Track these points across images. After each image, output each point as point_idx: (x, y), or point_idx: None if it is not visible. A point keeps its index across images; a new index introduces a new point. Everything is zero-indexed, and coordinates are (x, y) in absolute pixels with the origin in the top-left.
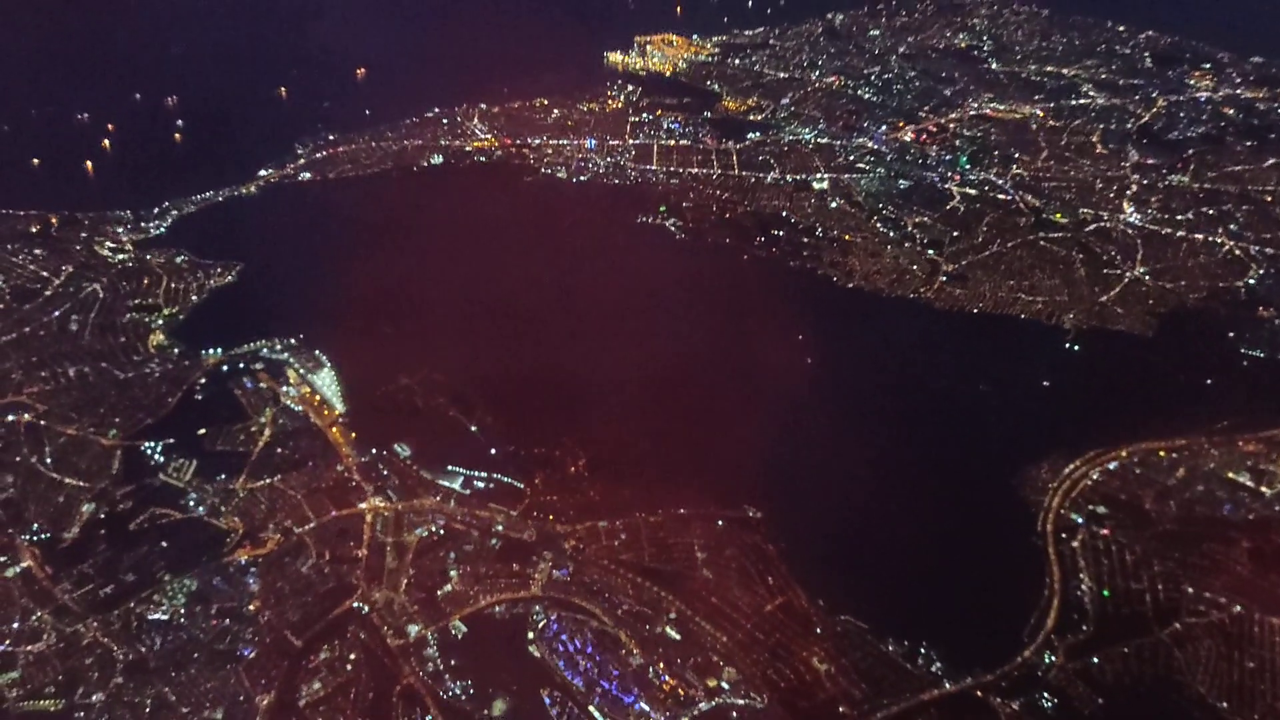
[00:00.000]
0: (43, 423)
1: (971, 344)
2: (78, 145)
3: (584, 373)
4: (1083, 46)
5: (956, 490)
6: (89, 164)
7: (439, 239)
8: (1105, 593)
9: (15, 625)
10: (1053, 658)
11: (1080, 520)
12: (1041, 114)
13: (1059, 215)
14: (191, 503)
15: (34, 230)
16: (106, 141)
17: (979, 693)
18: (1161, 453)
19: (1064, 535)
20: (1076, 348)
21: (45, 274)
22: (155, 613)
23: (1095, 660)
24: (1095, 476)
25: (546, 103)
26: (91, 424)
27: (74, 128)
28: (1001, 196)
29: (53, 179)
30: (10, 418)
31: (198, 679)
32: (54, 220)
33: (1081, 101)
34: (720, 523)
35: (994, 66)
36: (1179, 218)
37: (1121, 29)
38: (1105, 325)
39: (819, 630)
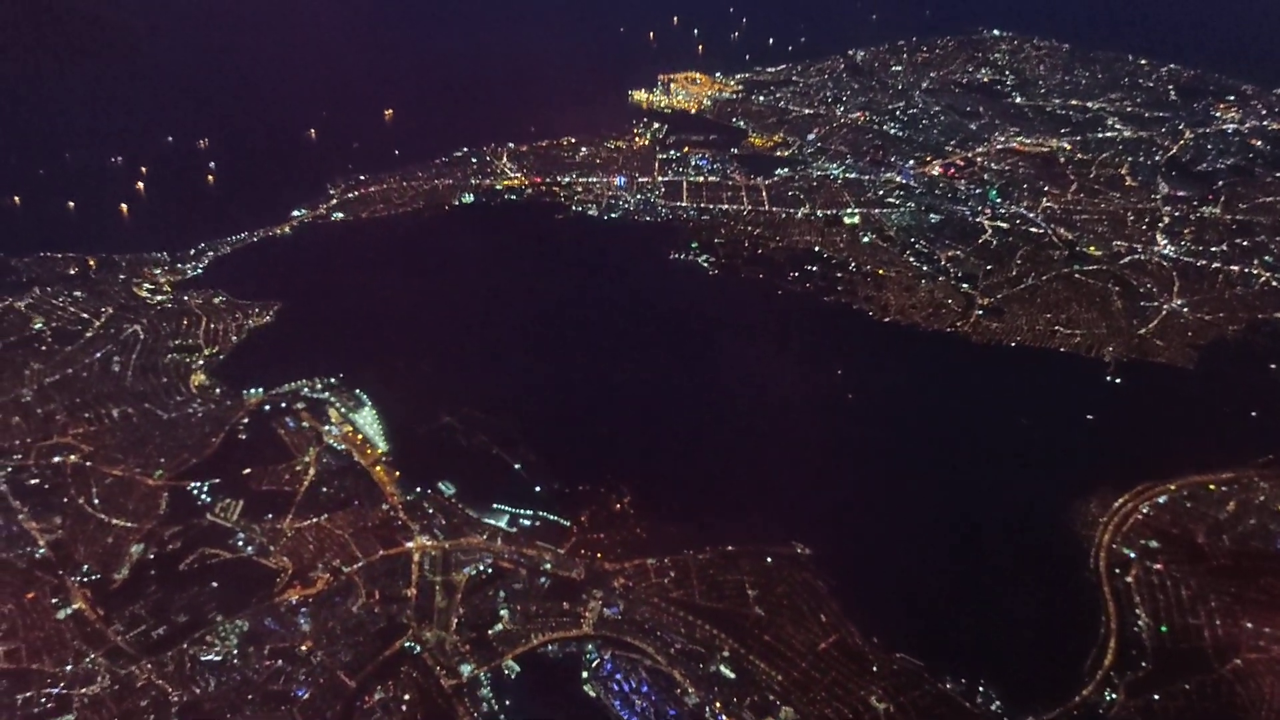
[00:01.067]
0: (89, 464)
1: (1011, 378)
2: (112, 188)
3: (624, 409)
4: (1105, 80)
5: (1005, 525)
6: (124, 206)
7: (474, 277)
8: (1163, 629)
9: (69, 668)
10: (1113, 695)
11: (1133, 555)
12: (1069, 147)
13: (1093, 248)
14: (240, 542)
15: (73, 272)
16: (141, 184)
17: None
18: (1211, 486)
19: (1117, 570)
20: (1118, 381)
21: (86, 315)
22: (208, 654)
23: (1156, 698)
24: (1145, 511)
25: (574, 141)
26: (137, 464)
27: (108, 171)
28: (1034, 230)
29: (89, 222)
30: (57, 459)
31: None
32: (92, 262)
33: (1108, 135)
34: (769, 559)
35: (1018, 101)
36: (1213, 249)
37: (1143, 62)
38: (1146, 358)
39: (875, 668)
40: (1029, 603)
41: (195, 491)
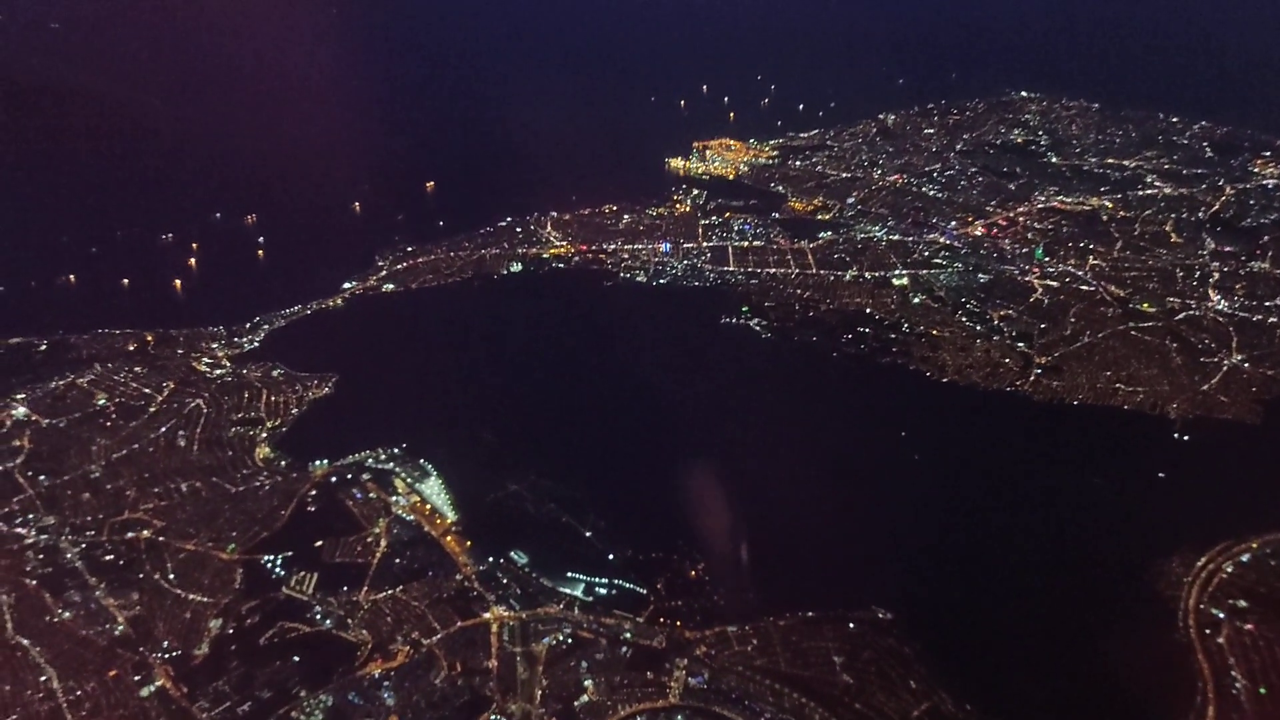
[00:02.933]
0: (162, 539)
1: (1077, 436)
2: (165, 265)
3: (688, 474)
4: (1139, 139)
5: (1088, 586)
6: (178, 282)
7: (528, 345)
8: (1262, 690)
9: None
10: None
11: (1222, 615)
12: (1110, 205)
13: (1147, 305)
14: (318, 615)
15: (132, 348)
16: (192, 260)
17: None
18: None
19: (1208, 631)
20: (1185, 438)
21: (148, 390)
22: None
23: None
24: (1229, 569)
25: (616, 209)
26: (209, 538)
27: (159, 248)
28: (1084, 287)
29: (143, 298)
30: (130, 534)
31: None
32: (150, 338)
33: (1148, 192)
34: (851, 625)
35: (1054, 160)
36: (1267, 304)
37: (1175, 120)
38: (1211, 414)
39: None
40: (1121, 665)
41: (269, 565)
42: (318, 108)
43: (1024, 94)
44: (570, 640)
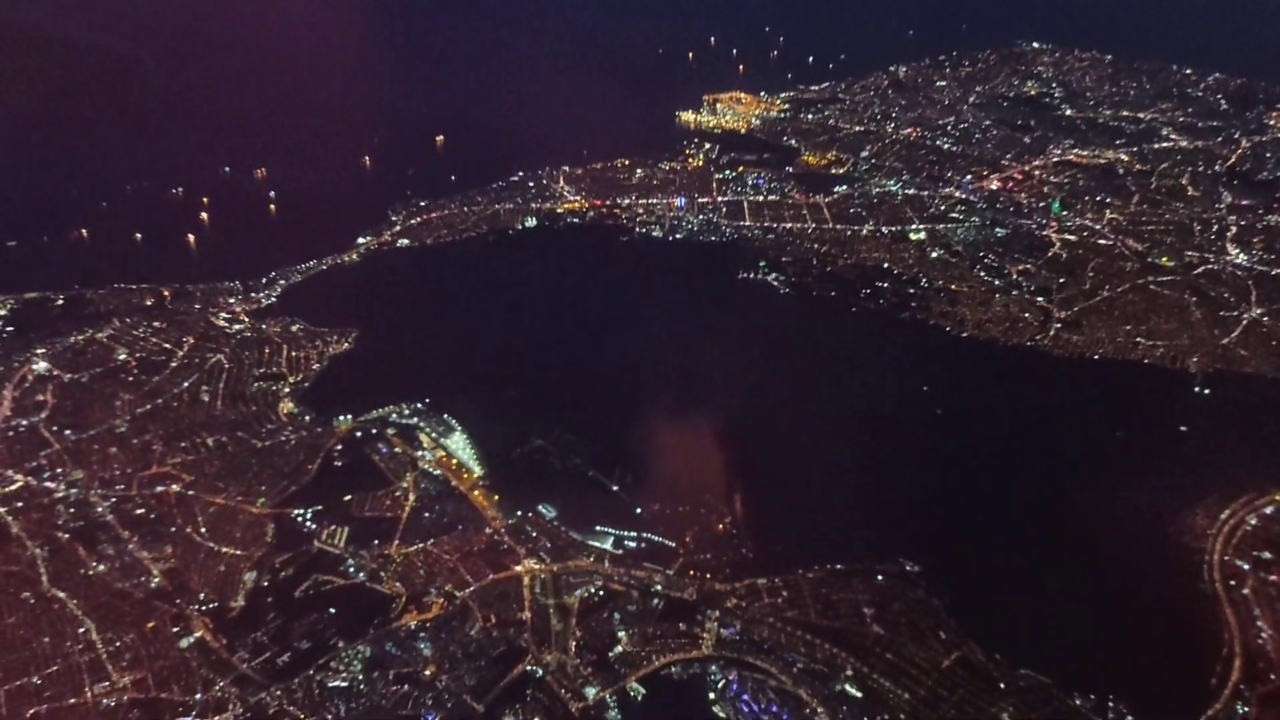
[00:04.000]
0: (191, 493)
1: (1098, 390)
2: (176, 219)
3: (716, 429)
4: (1154, 91)
5: (1114, 539)
6: (190, 237)
7: (545, 300)
8: None
9: (199, 696)
10: (1245, 709)
11: (1247, 567)
12: (1126, 159)
13: (1165, 259)
14: (351, 568)
15: (149, 303)
16: (204, 215)
17: None
18: None
19: (1233, 582)
20: (1206, 391)
21: (168, 346)
22: (335, 680)
23: None
24: (1254, 521)
25: (628, 163)
26: (238, 493)
27: (169, 202)
28: (1102, 241)
29: (157, 253)
30: (159, 489)
31: None
32: (167, 293)
33: (1164, 145)
34: (880, 577)
35: (1068, 113)
36: None
37: (1189, 72)
38: (1231, 368)
39: (1002, 685)
40: (1147, 616)
41: (299, 519)
42: (322, 60)
43: (1035, 45)
44: (602, 592)
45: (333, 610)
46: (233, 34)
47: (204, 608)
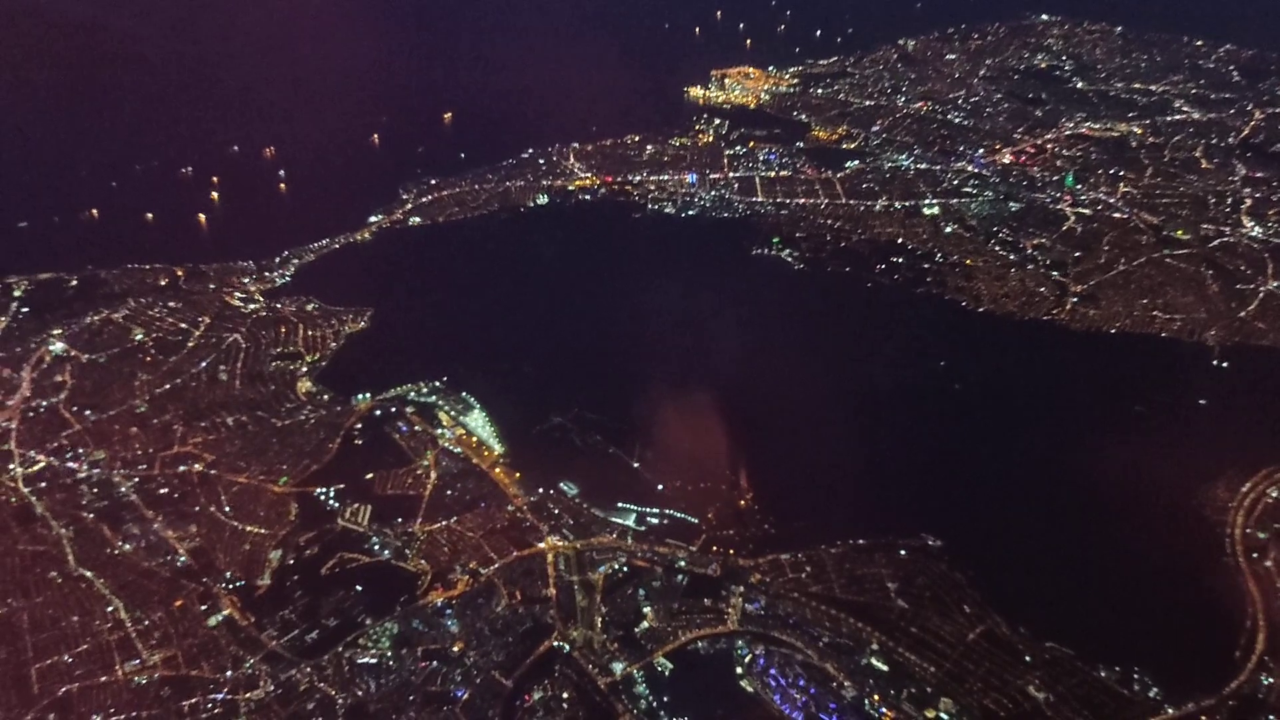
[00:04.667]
0: (213, 472)
1: (1116, 364)
2: (186, 198)
3: (733, 405)
4: (1165, 63)
5: (1135, 512)
6: (202, 216)
7: (559, 278)
8: None
9: (230, 673)
10: (1270, 680)
11: (1266, 537)
12: (1139, 131)
13: (1181, 232)
14: (375, 546)
15: (163, 283)
16: (215, 194)
17: (1203, 717)
18: None
19: (1255, 554)
20: (1224, 365)
21: (184, 325)
22: (364, 656)
23: None
24: (1275, 494)
25: (638, 139)
26: (260, 472)
27: (179, 181)
28: (1117, 215)
29: (169, 232)
30: (181, 468)
31: None
32: (180, 272)
33: (1177, 117)
34: (903, 552)
35: (1079, 86)
36: None
37: (1199, 43)
38: (1249, 341)
39: (1028, 658)
40: (1170, 589)
41: (322, 497)
42: (328, 38)
43: (1044, 17)
44: (626, 569)
45: (359, 588)
46: (238, 12)
47: (231, 586)
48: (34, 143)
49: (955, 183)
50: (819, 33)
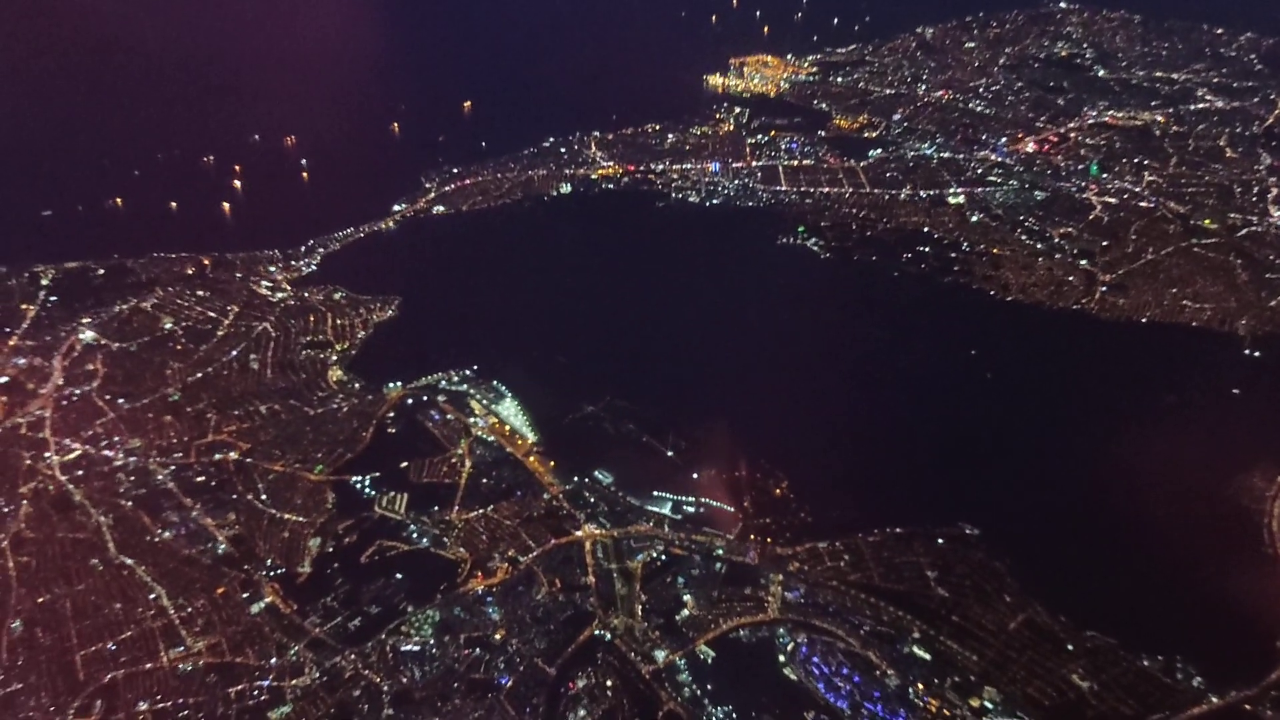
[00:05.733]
0: (249, 460)
1: (1147, 354)
2: (209, 187)
3: (765, 393)
4: (1186, 51)
5: (1173, 501)
6: (226, 205)
7: (586, 267)
8: None
9: (274, 660)
10: None
11: None
12: (1162, 120)
13: (1209, 221)
14: (414, 534)
15: (190, 272)
16: (237, 183)
17: (1247, 706)
18: None
19: None
20: (1256, 354)
21: (213, 314)
22: (407, 644)
23: None
24: None
25: (658, 127)
26: (296, 460)
27: (201, 170)
28: (1143, 204)
29: (193, 221)
30: (218, 456)
31: (464, 708)
32: (207, 261)
33: (1200, 106)
34: (940, 540)
35: (1101, 74)
36: None
37: (1219, 31)
38: None
39: (1070, 647)
40: (1210, 578)
41: (358, 485)
42: (346, 27)
43: (1063, 5)
44: (664, 557)
45: (399, 575)
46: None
47: (272, 574)
48: (55, 132)
49: (979, 172)
50: (836, 20)
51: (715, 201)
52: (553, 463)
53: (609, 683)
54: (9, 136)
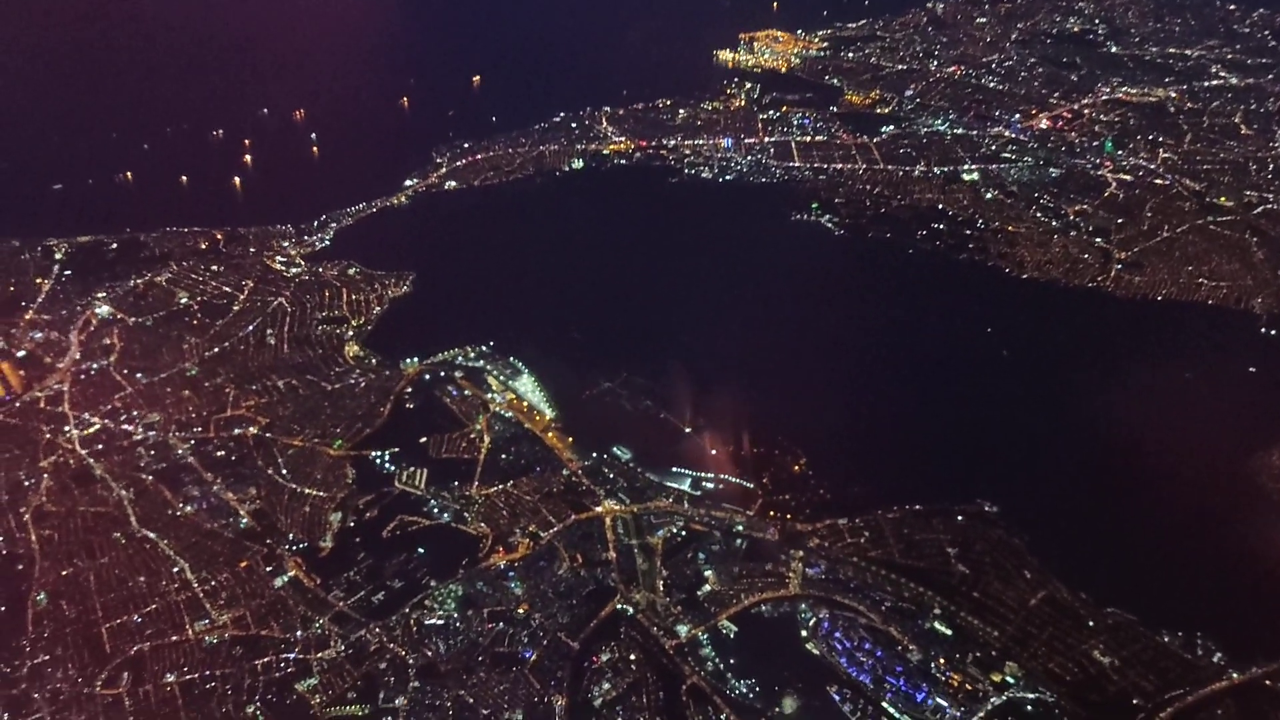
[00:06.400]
0: (268, 435)
1: (1163, 331)
2: (219, 161)
3: (782, 371)
4: (1199, 27)
5: (1191, 479)
6: (237, 180)
7: (600, 242)
8: None
9: (300, 633)
10: None
11: None
12: (1176, 96)
13: (1224, 199)
14: (434, 509)
15: (203, 247)
16: (247, 157)
17: (1268, 682)
18: None
19: None
20: (1273, 332)
21: (228, 289)
22: (431, 618)
23: None
24: None
25: (669, 103)
26: (315, 435)
27: (211, 144)
28: (1158, 181)
29: (204, 195)
30: (237, 430)
31: (489, 681)
32: (220, 236)
33: (1214, 83)
34: (960, 518)
35: (1114, 50)
36: None
37: (1232, 7)
38: None
39: (1091, 623)
40: (1229, 555)
41: (377, 460)
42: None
43: None
44: (684, 533)
45: (421, 550)
46: None
47: (294, 548)
48: (61, 105)
49: (993, 148)
50: None
51: (728, 177)
52: (571, 438)
53: (632, 656)
54: (17, 109)
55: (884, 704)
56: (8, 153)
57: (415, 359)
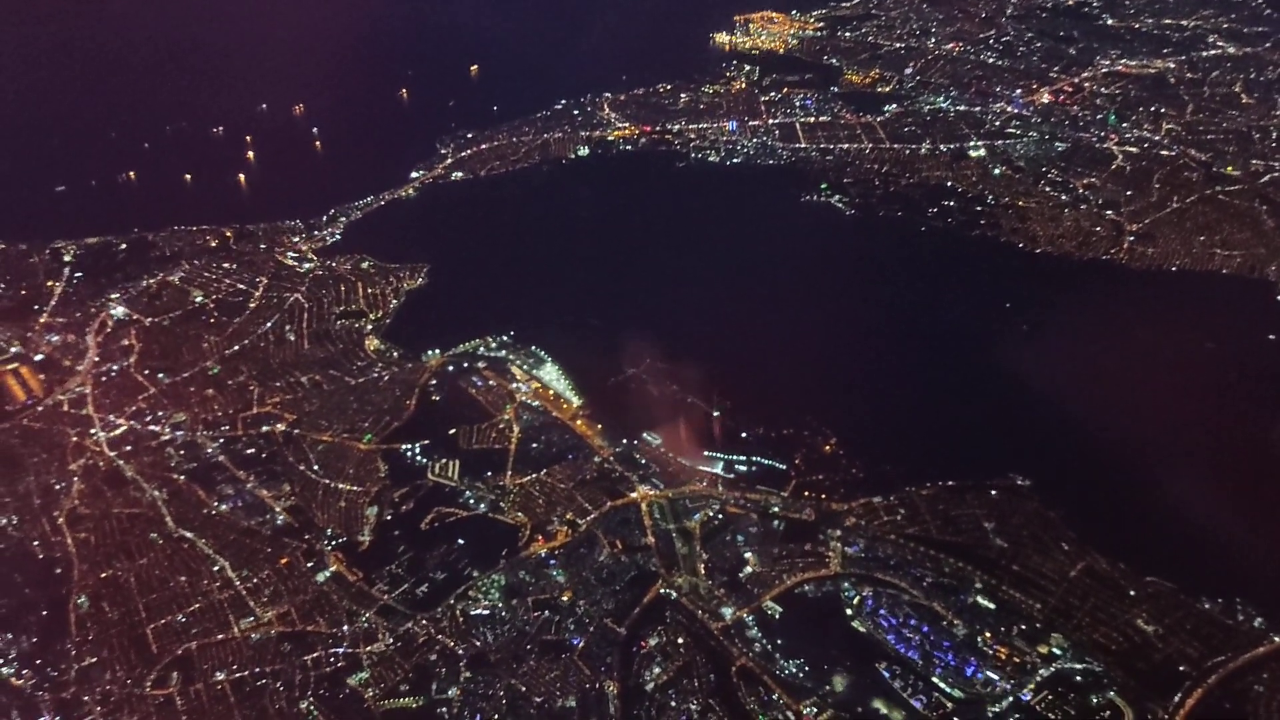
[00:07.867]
0: (296, 431)
1: (1180, 302)
2: (221, 158)
3: (802, 353)
4: None
5: (1218, 449)
6: (241, 176)
7: (611, 229)
8: None
9: (347, 628)
10: None
11: None
12: (1175, 67)
13: (1230, 168)
14: (470, 500)
15: (214, 245)
16: (250, 153)
17: None
18: None
19: None
20: None
21: (243, 286)
22: (477, 608)
23: None
24: None
25: (670, 87)
26: (343, 429)
27: (212, 141)
28: (1164, 153)
29: (209, 193)
30: (265, 428)
31: (539, 669)
32: (229, 233)
33: (1213, 53)
34: (994, 493)
35: (1110, 22)
36: None
37: None
38: None
39: (1132, 593)
40: (1262, 522)
41: (408, 453)
42: None
43: None
44: (721, 516)
45: (460, 541)
46: None
47: (333, 543)
48: (59, 106)
49: (998, 124)
50: None
51: (735, 160)
52: (599, 425)
53: (680, 640)
54: (16, 111)
55: (934, 679)
56: (7, 155)
57: (437, 351)
